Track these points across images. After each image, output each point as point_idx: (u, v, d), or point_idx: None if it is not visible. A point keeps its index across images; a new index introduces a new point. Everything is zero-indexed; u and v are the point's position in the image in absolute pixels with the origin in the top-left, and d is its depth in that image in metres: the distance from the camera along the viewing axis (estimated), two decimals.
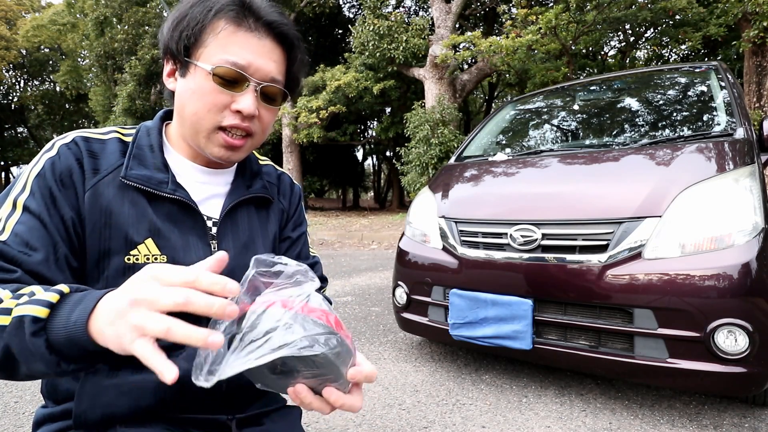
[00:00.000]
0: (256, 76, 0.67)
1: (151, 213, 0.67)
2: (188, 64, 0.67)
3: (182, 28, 0.66)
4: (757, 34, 6.99)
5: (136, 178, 0.66)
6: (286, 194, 0.88)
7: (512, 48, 8.11)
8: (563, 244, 1.76)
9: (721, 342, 1.46)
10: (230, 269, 0.67)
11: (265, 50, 0.68)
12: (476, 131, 3.00)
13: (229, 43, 0.65)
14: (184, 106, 0.68)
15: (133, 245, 0.65)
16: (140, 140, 0.71)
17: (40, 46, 26.60)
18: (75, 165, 0.64)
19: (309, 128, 12.47)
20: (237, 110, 0.66)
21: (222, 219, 0.74)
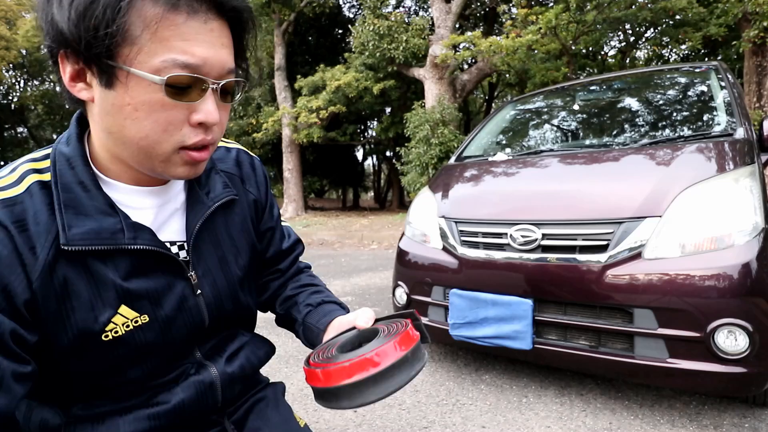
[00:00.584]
0: (212, 74, 0.52)
1: (113, 277, 0.55)
2: (113, 70, 0.48)
3: (96, 17, 0.46)
4: (757, 34, 6.99)
5: (83, 239, 0.52)
6: (251, 178, 0.76)
7: (512, 48, 8.11)
8: (563, 244, 1.76)
9: (721, 342, 1.46)
10: (215, 293, 0.67)
11: (214, 36, 0.52)
12: (476, 131, 3.00)
13: (172, 36, 0.48)
14: (123, 127, 0.51)
15: (107, 320, 0.55)
16: (63, 178, 0.54)
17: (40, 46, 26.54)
18: (9, 252, 0.49)
19: (309, 128, 12.47)
20: (199, 122, 0.53)
21: (192, 244, 0.64)
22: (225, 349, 0.71)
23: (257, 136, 13.98)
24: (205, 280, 0.65)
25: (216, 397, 0.68)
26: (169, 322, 0.60)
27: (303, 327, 0.77)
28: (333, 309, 0.77)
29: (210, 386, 0.67)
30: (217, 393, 0.68)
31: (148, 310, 0.58)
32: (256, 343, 0.79)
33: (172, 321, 0.61)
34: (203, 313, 0.65)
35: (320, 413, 1.84)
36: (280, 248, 0.83)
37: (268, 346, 0.82)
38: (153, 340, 0.59)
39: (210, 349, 0.69)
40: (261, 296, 0.83)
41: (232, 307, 0.70)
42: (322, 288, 0.84)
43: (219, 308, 0.67)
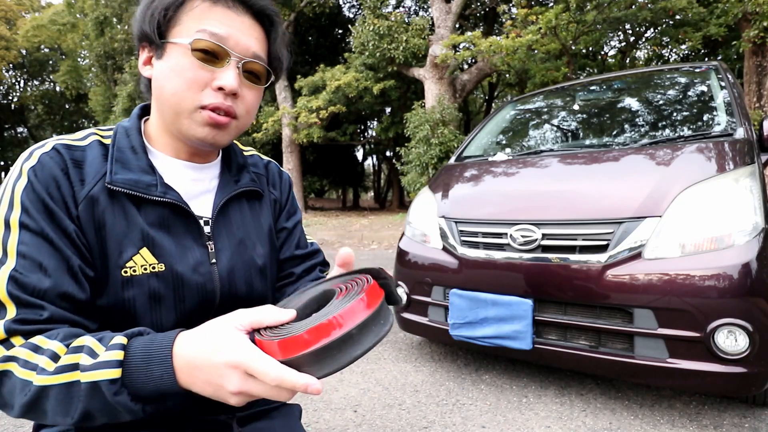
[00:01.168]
0: (236, 50, 0.63)
1: (142, 221, 0.63)
2: (164, 45, 0.63)
3: (154, 9, 0.63)
4: (757, 34, 6.99)
5: (123, 183, 0.62)
6: (276, 183, 0.85)
7: (512, 48, 8.11)
8: (563, 244, 1.76)
9: (721, 342, 1.46)
10: (229, 267, 0.71)
11: (244, 26, 0.64)
12: (476, 131, 3.00)
13: (206, 17, 0.62)
14: (163, 87, 0.64)
15: (128, 257, 0.62)
16: (120, 142, 0.66)
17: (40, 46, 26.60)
18: (60, 175, 0.60)
19: (309, 128, 12.47)
20: (219, 87, 0.62)
21: (215, 218, 0.71)
22: None
23: (257, 136, 13.97)
24: (222, 253, 0.70)
25: None
26: (182, 279, 0.65)
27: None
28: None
29: None
30: None
31: (165, 260, 0.64)
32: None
33: (184, 279, 0.65)
34: (215, 283, 0.69)
35: (320, 413, 1.84)
36: (294, 253, 0.85)
37: None
38: (164, 292, 0.64)
39: None
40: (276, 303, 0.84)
41: (245, 290, 0.73)
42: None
43: (231, 285, 0.71)
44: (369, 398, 1.97)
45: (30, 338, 0.52)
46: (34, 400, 0.50)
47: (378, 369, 2.30)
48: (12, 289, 0.53)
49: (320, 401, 1.93)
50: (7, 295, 0.53)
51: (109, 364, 0.49)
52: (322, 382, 0.47)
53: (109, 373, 0.48)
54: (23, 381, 0.50)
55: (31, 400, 0.50)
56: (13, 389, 0.50)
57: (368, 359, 2.43)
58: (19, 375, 0.50)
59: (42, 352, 0.50)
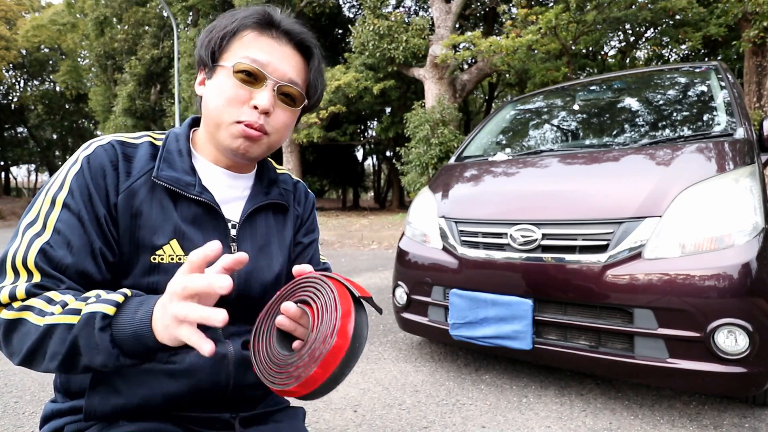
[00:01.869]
0: (274, 75, 0.71)
1: (176, 216, 0.71)
2: (215, 68, 0.72)
3: (211, 36, 0.73)
4: (757, 34, 6.99)
5: (167, 179, 0.70)
6: (301, 202, 0.92)
7: (512, 48, 8.11)
8: (563, 244, 1.76)
9: (721, 342, 1.46)
10: (248, 270, 0.77)
11: (284, 54, 0.73)
12: (476, 131, 3.00)
13: (252, 46, 0.71)
14: (208, 103, 0.73)
15: (159, 246, 0.69)
16: (170, 145, 0.75)
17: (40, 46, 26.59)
18: (109, 166, 0.68)
19: (309, 128, 12.47)
20: (254, 105, 0.70)
21: (242, 223, 0.78)
22: (243, 336, 0.78)
23: None
24: None
25: (228, 372, 0.73)
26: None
27: None
28: None
29: (223, 357, 0.72)
30: (230, 367, 0.73)
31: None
32: None
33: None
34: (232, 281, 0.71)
35: (320, 413, 1.84)
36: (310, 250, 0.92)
37: None
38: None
39: (231, 333, 0.76)
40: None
41: (259, 293, 0.79)
42: None
43: (246, 286, 0.77)
44: (369, 398, 1.97)
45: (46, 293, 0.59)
46: (40, 340, 0.56)
47: (378, 369, 2.30)
48: (39, 261, 0.60)
49: (320, 401, 1.93)
50: (35, 266, 0.60)
51: (108, 301, 0.55)
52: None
53: (105, 307, 0.54)
54: (35, 326, 0.56)
55: (36, 341, 0.56)
56: (26, 335, 0.56)
57: (368, 359, 2.43)
58: (33, 321, 0.56)
59: (54, 303, 0.57)
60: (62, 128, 30.04)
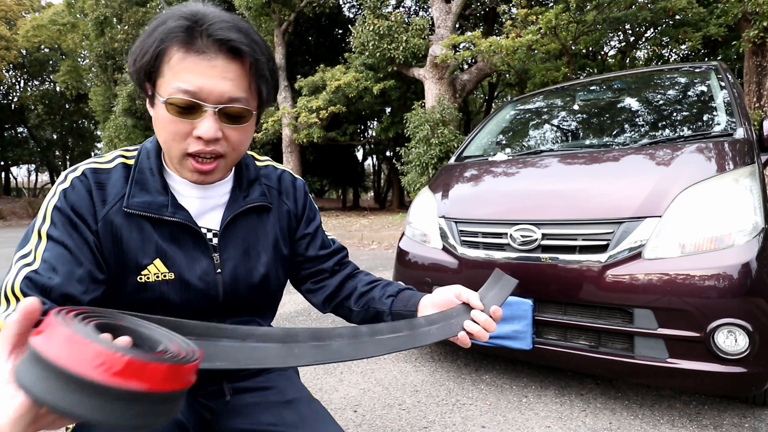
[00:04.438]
0: (210, 100, 0.66)
1: (156, 236, 0.72)
2: (153, 96, 0.69)
3: (140, 62, 0.67)
4: (757, 34, 6.99)
5: (138, 206, 0.71)
6: (290, 193, 0.90)
7: (512, 48, 8.10)
8: (563, 244, 1.76)
9: (721, 342, 1.46)
10: (233, 275, 0.79)
11: (216, 71, 0.66)
12: (476, 131, 3.00)
13: (180, 70, 0.65)
14: (158, 134, 0.72)
15: (143, 266, 0.71)
16: (141, 164, 0.75)
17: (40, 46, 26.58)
18: (86, 196, 0.70)
19: (309, 128, 12.46)
20: (198, 136, 0.67)
21: (222, 231, 0.78)
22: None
23: (257, 136, 13.97)
24: (227, 263, 0.78)
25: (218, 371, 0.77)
26: (189, 287, 0.74)
27: (391, 316, 0.85)
28: (413, 293, 0.88)
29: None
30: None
31: (175, 270, 0.73)
32: None
33: (191, 286, 0.74)
34: (219, 290, 0.77)
35: None
36: (319, 253, 0.93)
37: None
38: (173, 297, 0.73)
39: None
40: (322, 295, 0.94)
41: (247, 295, 0.81)
42: (388, 281, 0.94)
43: (234, 291, 0.79)
44: (369, 398, 1.97)
45: None
46: None
47: (378, 369, 2.30)
48: (24, 286, 0.62)
49: (320, 401, 1.93)
50: (20, 291, 0.62)
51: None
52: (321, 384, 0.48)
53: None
54: None
55: None
56: None
57: (368, 359, 2.43)
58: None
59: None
60: (62, 128, 30.03)
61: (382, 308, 0.86)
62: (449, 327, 0.79)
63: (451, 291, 0.83)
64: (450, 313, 0.80)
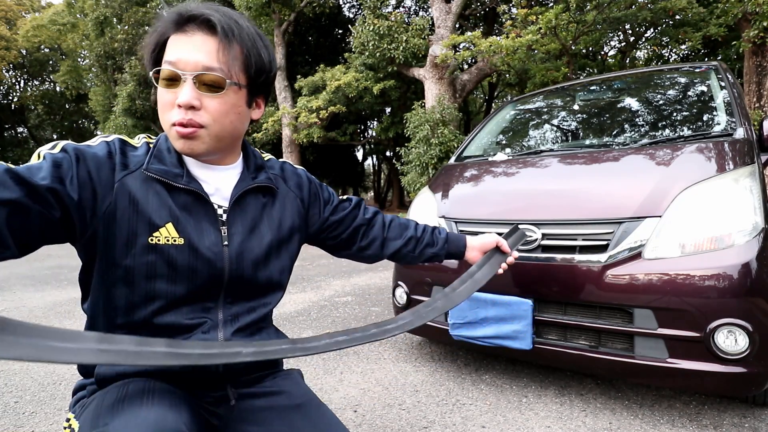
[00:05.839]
0: (187, 68, 0.74)
1: (171, 202, 0.77)
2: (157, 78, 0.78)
3: (145, 54, 0.79)
4: (757, 34, 6.99)
5: (156, 171, 0.77)
6: (292, 178, 0.97)
7: (512, 48, 8.10)
8: (563, 244, 1.76)
9: (721, 342, 1.46)
10: (239, 251, 0.82)
11: (194, 44, 0.74)
12: (476, 131, 3.00)
13: (169, 50, 0.76)
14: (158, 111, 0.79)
15: (156, 228, 0.75)
16: (160, 144, 0.82)
17: (40, 46, 26.59)
18: (106, 156, 0.75)
19: (309, 128, 12.46)
20: (178, 104, 0.74)
21: (231, 206, 0.83)
22: (240, 321, 0.84)
23: (257, 136, 13.97)
24: (234, 237, 0.82)
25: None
26: (197, 254, 0.78)
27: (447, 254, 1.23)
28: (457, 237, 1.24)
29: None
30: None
31: (185, 236, 0.77)
32: (271, 334, 0.91)
33: (198, 254, 0.78)
34: (225, 262, 0.81)
35: None
36: (348, 212, 1.05)
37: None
38: (180, 262, 0.76)
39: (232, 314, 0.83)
40: (370, 247, 1.10)
41: (251, 270, 0.84)
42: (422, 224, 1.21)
43: (239, 265, 0.82)
44: (369, 398, 1.97)
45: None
46: None
47: (378, 369, 2.30)
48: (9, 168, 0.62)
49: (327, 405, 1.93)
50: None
51: None
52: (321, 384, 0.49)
53: None
54: None
55: None
56: None
57: (368, 359, 2.43)
58: None
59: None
60: (62, 128, 30.02)
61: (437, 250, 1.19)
62: (493, 268, 1.23)
63: (492, 239, 1.24)
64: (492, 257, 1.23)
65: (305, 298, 3.99)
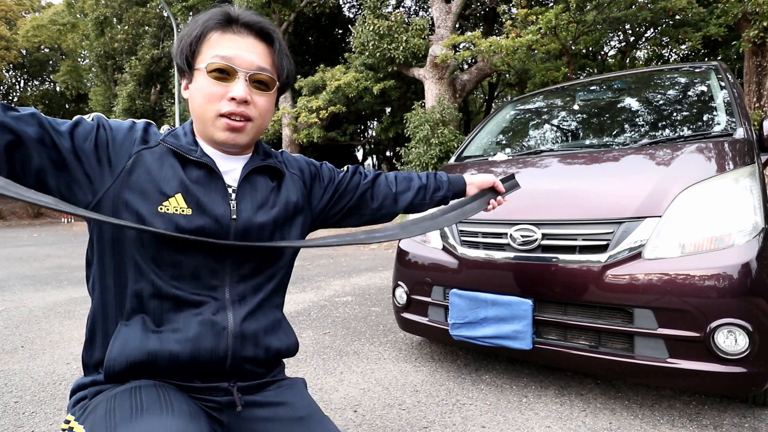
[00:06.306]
0: (243, 66, 0.80)
1: (183, 175, 0.81)
2: (192, 72, 0.82)
3: (182, 45, 0.82)
4: (757, 34, 6.99)
5: (171, 144, 0.82)
6: (293, 164, 1.01)
7: (512, 48, 8.11)
8: (563, 244, 1.76)
9: (721, 342, 1.46)
10: (246, 225, 0.85)
11: (248, 45, 0.82)
12: (476, 131, 3.00)
13: (218, 45, 0.80)
14: (193, 104, 0.83)
15: (166, 197, 0.78)
16: (177, 130, 0.88)
17: (40, 46, 26.59)
18: (128, 131, 0.81)
19: (309, 128, 12.47)
20: (231, 97, 0.79)
21: (241, 182, 0.86)
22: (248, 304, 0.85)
23: None
24: (242, 214, 0.85)
25: (226, 344, 0.80)
26: (203, 226, 0.80)
27: (453, 194, 1.25)
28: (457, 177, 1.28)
29: (222, 329, 0.80)
30: (228, 340, 0.80)
31: (193, 207, 0.80)
32: (281, 327, 0.91)
33: (205, 226, 0.81)
34: (231, 235, 0.83)
35: None
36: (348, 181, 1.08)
37: (291, 341, 0.93)
38: (187, 232, 0.78)
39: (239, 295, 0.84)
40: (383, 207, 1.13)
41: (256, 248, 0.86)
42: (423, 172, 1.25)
43: (244, 239, 0.85)
44: (369, 398, 1.97)
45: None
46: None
47: (378, 369, 2.30)
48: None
49: (320, 401, 1.93)
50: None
51: None
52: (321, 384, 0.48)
53: None
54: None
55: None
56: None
57: (368, 359, 2.43)
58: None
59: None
60: None
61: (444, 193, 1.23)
62: (483, 204, 1.29)
63: (489, 177, 1.31)
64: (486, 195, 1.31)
65: (305, 298, 3.99)
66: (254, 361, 0.85)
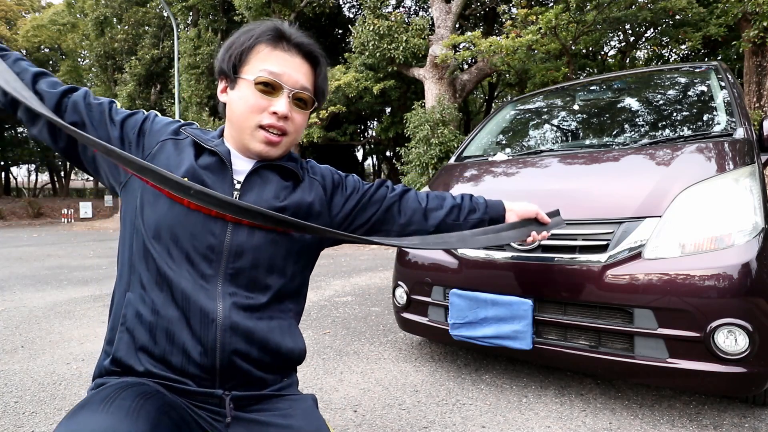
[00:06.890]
0: (288, 84, 0.85)
1: (195, 162, 0.85)
2: (237, 79, 0.86)
3: (231, 51, 0.86)
4: (757, 34, 6.99)
5: (191, 133, 0.89)
6: (315, 169, 1.02)
7: (512, 48, 8.10)
8: (563, 244, 1.76)
9: (721, 342, 1.46)
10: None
11: (295, 65, 0.87)
12: (476, 131, 3.00)
13: (267, 60, 0.85)
14: (233, 110, 0.87)
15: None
16: (206, 134, 0.93)
17: (40, 46, 26.59)
18: (166, 126, 0.90)
19: (309, 128, 12.46)
20: (273, 112, 0.84)
21: (248, 175, 0.88)
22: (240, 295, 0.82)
23: None
24: (244, 198, 0.86)
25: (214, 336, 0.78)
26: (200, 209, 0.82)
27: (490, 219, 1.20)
28: (496, 202, 1.25)
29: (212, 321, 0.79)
30: (216, 332, 0.78)
31: None
32: (287, 329, 0.88)
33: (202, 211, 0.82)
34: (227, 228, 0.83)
35: (321, 413, 1.84)
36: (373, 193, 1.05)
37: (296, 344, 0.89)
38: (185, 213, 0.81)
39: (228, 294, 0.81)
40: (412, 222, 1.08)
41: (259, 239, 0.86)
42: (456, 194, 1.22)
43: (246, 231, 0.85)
44: (369, 398, 1.97)
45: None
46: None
47: (378, 369, 2.30)
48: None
49: (320, 401, 1.93)
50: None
51: None
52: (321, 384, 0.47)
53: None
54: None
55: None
56: None
57: (368, 359, 2.43)
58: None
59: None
60: None
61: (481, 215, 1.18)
62: (523, 234, 1.22)
63: (532, 207, 1.27)
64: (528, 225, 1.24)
65: None
66: (247, 358, 0.81)
